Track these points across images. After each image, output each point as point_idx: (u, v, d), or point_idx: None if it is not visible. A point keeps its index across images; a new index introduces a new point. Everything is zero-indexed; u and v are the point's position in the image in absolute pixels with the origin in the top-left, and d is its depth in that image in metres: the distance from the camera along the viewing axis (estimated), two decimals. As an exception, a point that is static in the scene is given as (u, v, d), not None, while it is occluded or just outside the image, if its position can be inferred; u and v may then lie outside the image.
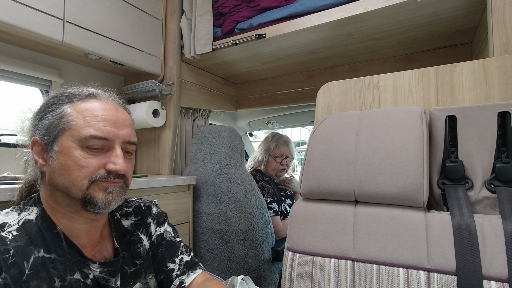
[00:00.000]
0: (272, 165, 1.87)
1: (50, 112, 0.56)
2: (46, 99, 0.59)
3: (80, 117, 0.54)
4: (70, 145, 0.53)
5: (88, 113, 0.55)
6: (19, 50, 1.27)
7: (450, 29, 1.30)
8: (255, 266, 1.37)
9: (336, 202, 0.74)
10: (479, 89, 0.72)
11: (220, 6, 1.55)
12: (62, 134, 0.54)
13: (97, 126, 0.54)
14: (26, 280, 0.48)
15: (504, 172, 0.62)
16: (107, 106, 0.58)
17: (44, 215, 0.56)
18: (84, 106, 0.56)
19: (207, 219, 1.48)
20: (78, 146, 0.53)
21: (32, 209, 0.56)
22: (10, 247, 0.48)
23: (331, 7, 1.22)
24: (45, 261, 0.51)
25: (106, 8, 1.29)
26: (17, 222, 0.52)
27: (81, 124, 0.54)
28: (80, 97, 0.57)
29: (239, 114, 2.55)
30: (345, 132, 0.74)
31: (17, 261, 0.48)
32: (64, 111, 0.55)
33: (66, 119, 0.54)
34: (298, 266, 0.71)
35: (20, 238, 0.50)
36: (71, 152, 0.53)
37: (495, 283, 0.53)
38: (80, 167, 0.53)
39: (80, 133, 0.53)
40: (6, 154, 1.24)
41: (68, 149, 0.53)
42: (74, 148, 0.53)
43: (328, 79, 1.83)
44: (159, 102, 1.55)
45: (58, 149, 0.53)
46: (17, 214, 0.54)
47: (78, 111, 0.55)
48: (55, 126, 0.54)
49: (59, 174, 0.54)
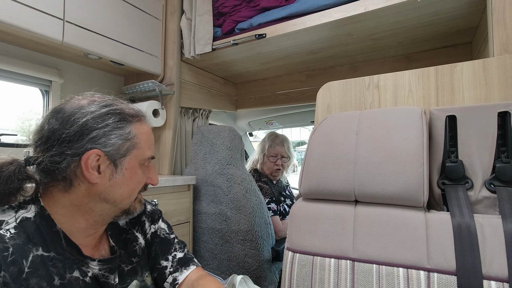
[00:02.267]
0: (267, 165, 1.86)
1: (117, 130, 0.57)
2: (97, 109, 0.57)
3: (144, 140, 0.62)
4: (136, 164, 0.60)
5: (145, 136, 0.62)
6: (19, 50, 1.27)
7: (450, 29, 1.30)
8: (255, 266, 1.37)
9: (336, 202, 0.74)
10: (479, 89, 0.72)
11: (220, 6, 1.55)
12: (130, 153, 0.59)
13: (152, 149, 0.64)
14: (26, 278, 0.48)
15: (504, 172, 0.62)
16: (149, 129, 0.66)
17: (43, 213, 0.55)
18: (144, 130, 0.63)
19: (207, 219, 1.48)
20: (139, 165, 0.61)
21: (30, 207, 0.55)
22: (9, 245, 0.48)
23: (331, 7, 1.22)
24: (44, 259, 0.51)
25: (106, 8, 1.29)
26: (14, 220, 0.52)
27: (144, 146, 0.61)
28: (138, 117, 0.62)
29: (239, 114, 2.55)
30: (345, 132, 0.74)
31: (16, 259, 0.48)
32: (131, 132, 0.59)
33: (135, 140, 0.60)
34: (298, 266, 0.71)
35: (18, 236, 0.50)
36: (136, 170, 0.61)
37: (495, 283, 0.53)
38: (140, 183, 0.62)
39: (144, 155, 0.61)
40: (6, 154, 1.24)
41: (134, 167, 0.60)
42: (137, 166, 0.61)
43: (328, 79, 1.83)
44: (159, 102, 1.55)
45: (126, 166, 0.59)
46: (14, 212, 0.54)
47: (141, 133, 0.61)
48: (126, 146, 0.58)
49: (119, 187, 0.58)
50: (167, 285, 0.71)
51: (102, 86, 1.62)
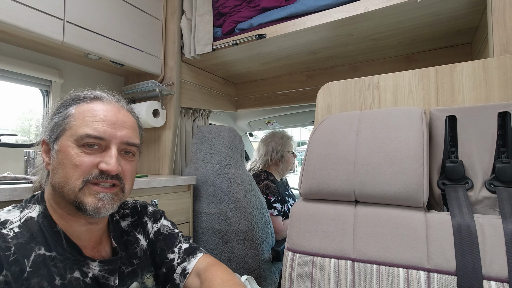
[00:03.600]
0: (290, 160, 1.95)
1: (57, 114, 0.58)
2: (58, 102, 0.61)
3: (80, 117, 0.56)
4: (68, 144, 0.54)
5: (88, 113, 0.56)
6: (19, 50, 1.27)
7: (450, 30, 1.30)
8: (255, 266, 1.37)
9: (336, 202, 0.74)
10: (479, 89, 0.72)
11: (220, 6, 1.55)
12: (63, 134, 0.55)
13: (94, 126, 0.55)
14: (27, 277, 0.48)
15: (504, 172, 0.62)
16: (108, 107, 0.59)
17: (46, 213, 0.56)
18: (86, 107, 0.57)
19: (207, 219, 1.48)
20: (75, 145, 0.54)
21: (34, 207, 0.56)
22: (11, 244, 0.48)
23: (331, 7, 1.22)
24: (45, 259, 0.51)
25: (106, 8, 1.29)
26: (19, 219, 0.53)
27: (79, 123, 0.55)
28: (85, 99, 0.59)
29: (239, 114, 2.55)
30: (345, 132, 0.74)
31: (18, 259, 0.48)
32: (68, 112, 0.57)
33: (69, 119, 0.56)
34: (298, 266, 0.71)
35: (22, 235, 0.51)
36: (68, 151, 0.54)
37: (495, 283, 0.53)
38: (75, 166, 0.53)
39: (77, 132, 0.54)
40: (6, 154, 1.24)
41: (65, 148, 0.54)
42: (71, 147, 0.54)
43: (328, 79, 1.83)
44: (159, 102, 1.55)
45: (58, 148, 0.55)
46: (19, 211, 0.55)
47: (80, 111, 0.57)
48: (58, 126, 0.56)
49: (56, 172, 0.55)
50: (177, 276, 0.69)
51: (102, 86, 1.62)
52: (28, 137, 1.49)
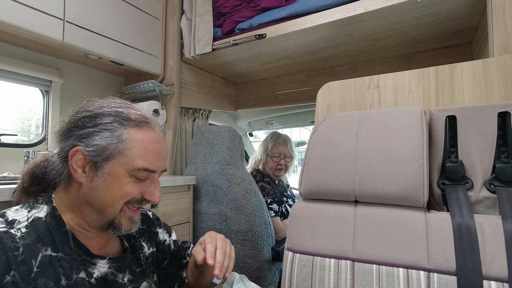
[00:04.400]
0: (270, 164, 1.85)
1: (105, 131, 0.55)
2: (94, 109, 0.57)
3: (136, 147, 0.56)
4: (121, 172, 0.55)
5: (143, 144, 0.56)
6: (19, 50, 1.27)
7: (450, 29, 1.30)
8: (255, 266, 1.37)
9: (336, 202, 0.74)
10: (479, 89, 0.72)
11: (220, 6, 1.55)
12: (114, 158, 0.55)
13: (150, 160, 0.57)
14: (34, 277, 0.48)
15: (504, 172, 0.62)
16: (158, 137, 0.60)
17: (54, 213, 0.56)
18: (141, 136, 0.57)
19: (207, 219, 1.48)
20: (127, 174, 0.56)
21: (42, 207, 0.57)
22: (19, 244, 0.49)
23: (331, 7, 1.22)
24: (52, 260, 0.52)
25: (106, 8, 1.29)
26: (26, 219, 0.53)
27: (136, 155, 0.55)
28: (136, 122, 0.57)
29: (239, 114, 2.55)
30: (345, 132, 0.74)
31: (26, 259, 0.48)
32: (121, 136, 0.55)
33: (123, 146, 0.55)
34: (298, 266, 0.71)
35: (29, 236, 0.51)
36: (120, 178, 0.55)
37: (495, 283, 0.53)
38: (125, 193, 0.56)
39: (134, 164, 0.55)
40: (6, 154, 1.24)
41: (118, 174, 0.55)
42: (123, 175, 0.55)
43: (328, 79, 1.83)
44: (159, 102, 1.55)
45: (108, 171, 0.55)
46: (27, 211, 0.55)
47: (135, 140, 0.56)
48: (111, 150, 0.55)
49: (101, 193, 0.55)
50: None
51: (102, 86, 1.62)
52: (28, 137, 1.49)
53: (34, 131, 1.49)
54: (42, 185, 0.61)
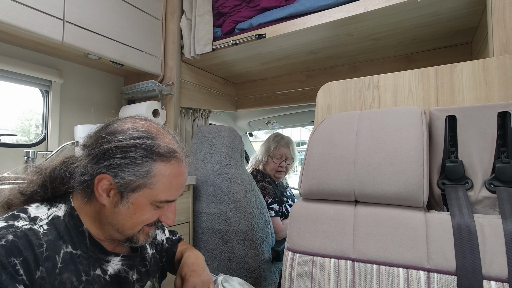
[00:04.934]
0: (271, 165, 1.85)
1: (134, 165, 0.55)
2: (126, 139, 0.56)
3: (161, 182, 0.58)
4: (145, 203, 0.58)
5: (169, 179, 0.58)
6: (19, 50, 1.27)
7: (450, 29, 1.30)
8: (255, 266, 1.37)
9: (336, 202, 0.74)
10: (479, 89, 0.72)
11: (220, 6, 1.55)
12: (141, 190, 0.57)
13: (172, 192, 0.60)
14: (59, 272, 0.51)
15: (504, 172, 0.62)
16: (183, 170, 0.62)
17: (72, 213, 0.58)
18: (168, 172, 0.58)
19: (207, 219, 1.48)
20: (150, 204, 0.58)
21: (60, 206, 0.58)
22: (43, 241, 0.50)
23: (331, 7, 1.22)
24: (72, 256, 0.54)
25: (106, 8, 1.29)
26: (47, 216, 0.55)
27: (161, 188, 0.58)
28: (165, 157, 0.58)
29: (239, 114, 2.55)
30: (345, 132, 0.74)
31: (50, 255, 0.50)
32: (150, 172, 0.56)
33: (151, 180, 0.57)
34: (298, 266, 0.71)
35: (50, 233, 0.53)
36: (143, 208, 0.58)
37: (495, 283, 0.53)
38: (145, 219, 0.59)
39: (158, 197, 0.58)
40: (6, 154, 1.24)
41: (141, 205, 0.58)
42: (146, 204, 0.58)
43: (328, 79, 1.83)
44: (159, 102, 1.55)
45: (132, 201, 0.57)
46: (47, 209, 0.56)
47: (163, 175, 0.58)
48: (139, 183, 0.56)
49: (123, 218, 0.58)
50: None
51: (102, 86, 1.62)
52: (28, 137, 1.49)
53: (34, 131, 1.49)
54: (57, 187, 0.60)
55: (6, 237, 0.47)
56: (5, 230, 0.48)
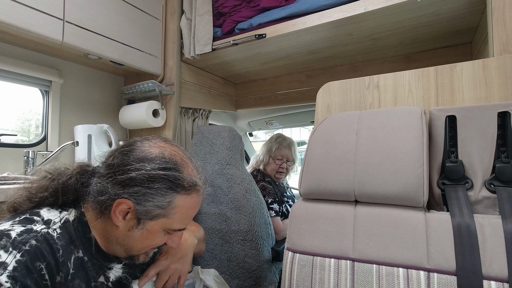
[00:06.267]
0: (272, 166, 1.85)
1: (158, 196, 0.56)
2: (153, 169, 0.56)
3: (179, 213, 0.60)
4: (159, 230, 0.59)
5: (186, 210, 0.61)
6: (19, 50, 1.26)
7: (450, 29, 1.30)
8: (255, 266, 1.37)
9: (336, 202, 0.74)
10: (479, 89, 0.71)
11: (220, 6, 1.55)
12: (159, 218, 0.58)
13: (186, 222, 0.62)
14: (71, 278, 0.51)
15: (504, 172, 0.62)
16: (199, 201, 0.64)
17: (82, 219, 0.58)
18: (187, 204, 0.60)
19: (207, 219, 1.48)
20: (163, 231, 0.60)
21: (71, 211, 0.58)
22: (59, 246, 0.51)
23: (331, 7, 1.22)
24: (82, 262, 0.55)
25: (106, 8, 1.29)
26: (59, 220, 0.55)
27: (177, 219, 0.60)
28: (187, 189, 0.59)
29: (239, 114, 2.55)
30: (345, 132, 0.74)
31: (65, 261, 0.51)
32: (171, 203, 0.58)
33: (170, 211, 0.58)
34: (298, 266, 0.71)
35: (63, 237, 0.53)
36: (156, 235, 0.60)
37: (495, 283, 0.53)
38: (155, 244, 0.61)
39: (173, 226, 0.60)
40: (6, 154, 1.24)
41: (156, 232, 0.59)
42: (159, 231, 0.60)
43: (328, 79, 1.82)
44: (159, 102, 1.55)
45: (147, 228, 0.58)
46: (58, 212, 0.56)
47: (183, 207, 0.60)
48: (158, 213, 0.57)
49: (134, 241, 0.59)
50: None
51: (102, 86, 1.62)
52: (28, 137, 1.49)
53: (34, 131, 1.49)
54: (68, 199, 0.60)
55: (30, 242, 0.47)
56: (26, 234, 0.48)
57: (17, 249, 0.45)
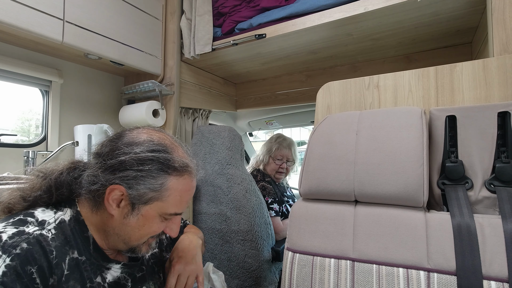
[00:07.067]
0: (271, 166, 1.85)
1: (149, 178, 0.56)
2: (142, 152, 0.57)
3: (173, 195, 0.59)
4: (154, 215, 0.59)
5: (180, 193, 0.60)
6: (19, 50, 1.26)
7: (450, 29, 1.30)
8: (255, 266, 1.37)
9: (336, 202, 0.74)
10: (479, 89, 0.71)
11: (220, 6, 1.55)
12: (152, 203, 0.57)
13: (181, 206, 0.62)
14: (66, 280, 0.50)
15: (504, 172, 0.62)
16: (193, 184, 0.64)
17: (78, 218, 0.58)
18: (181, 186, 0.60)
19: (207, 219, 1.48)
20: (159, 216, 0.59)
21: (66, 211, 0.58)
22: (52, 247, 0.50)
23: (331, 7, 1.22)
24: (78, 263, 0.54)
25: (106, 8, 1.29)
26: (54, 220, 0.54)
27: (172, 202, 0.59)
28: (179, 170, 0.59)
29: (239, 114, 2.55)
30: (345, 132, 0.74)
31: (59, 262, 0.50)
32: (164, 185, 0.57)
33: (163, 193, 0.58)
34: (298, 266, 0.71)
35: (57, 238, 0.52)
36: (152, 221, 0.59)
37: (495, 283, 0.53)
38: (153, 232, 0.61)
39: (168, 210, 0.59)
40: (6, 154, 1.24)
41: (152, 217, 0.59)
42: (156, 217, 0.59)
43: (328, 79, 1.82)
44: (159, 102, 1.55)
45: (142, 213, 0.58)
46: (53, 212, 0.56)
47: (175, 189, 0.59)
48: (151, 196, 0.57)
49: (131, 229, 0.58)
50: None
51: (102, 86, 1.62)
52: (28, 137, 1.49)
53: (34, 131, 1.49)
54: (62, 194, 0.60)
55: (21, 245, 0.46)
56: (17, 237, 0.47)
57: (6, 253, 0.45)
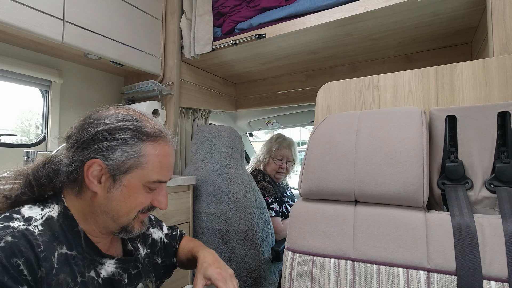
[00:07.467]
0: (272, 166, 1.86)
1: (124, 146, 0.56)
2: (113, 122, 0.57)
3: (152, 161, 0.58)
4: (137, 185, 0.58)
5: (158, 158, 0.59)
6: (19, 50, 1.26)
7: (450, 29, 1.30)
8: (255, 266, 1.37)
9: (336, 202, 0.74)
10: (479, 89, 0.71)
11: (220, 6, 1.55)
12: (132, 172, 0.57)
13: (164, 173, 0.61)
14: (56, 273, 0.50)
15: (504, 172, 0.62)
16: (170, 151, 0.63)
17: (66, 213, 0.58)
18: (158, 151, 0.59)
19: (207, 219, 1.48)
20: (142, 185, 0.59)
21: (53, 207, 0.57)
22: (40, 241, 0.50)
23: (331, 7, 1.22)
24: (67, 258, 0.54)
25: (106, 8, 1.29)
26: (41, 217, 0.54)
27: (152, 168, 0.58)
28: (152, 135, 0.59)
29: (239, 114, 2.55)
30: (345, 132, 0.74)
31: (47, 255, 0.50)
32: (140, 151, 0.57)
33: (141, 160, 0.57)
34: (298, 266, 0.71)
35: (45, 234, 0.52)
36: (136, 191, 0.58)
37: (495, 283, 0.53)
38: (139, 203, 0.60)
39: (150, 177, 0.58)
40: (6, 154, 1.24)
41: (134, 187, 0.58)
42: (139, 187, 0.59)
43: (328, 79, 1.83)
44: (159, 102, 1.55)
45: (125, 183, 0.57)
46: (40, 209, 0.56)
47: (153, 154, 0.59)
48: (130, 164, 0.56)
49: (117, 203, 0.58)
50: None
51: (102, 86, 1.62)
52: (28, 137, 1.49)
53: (34, 131, 1.49)
54: (43, 186, 0.60)
55: (5, 238, 0.46)
56: (1, 231, 0.47)
57: None
